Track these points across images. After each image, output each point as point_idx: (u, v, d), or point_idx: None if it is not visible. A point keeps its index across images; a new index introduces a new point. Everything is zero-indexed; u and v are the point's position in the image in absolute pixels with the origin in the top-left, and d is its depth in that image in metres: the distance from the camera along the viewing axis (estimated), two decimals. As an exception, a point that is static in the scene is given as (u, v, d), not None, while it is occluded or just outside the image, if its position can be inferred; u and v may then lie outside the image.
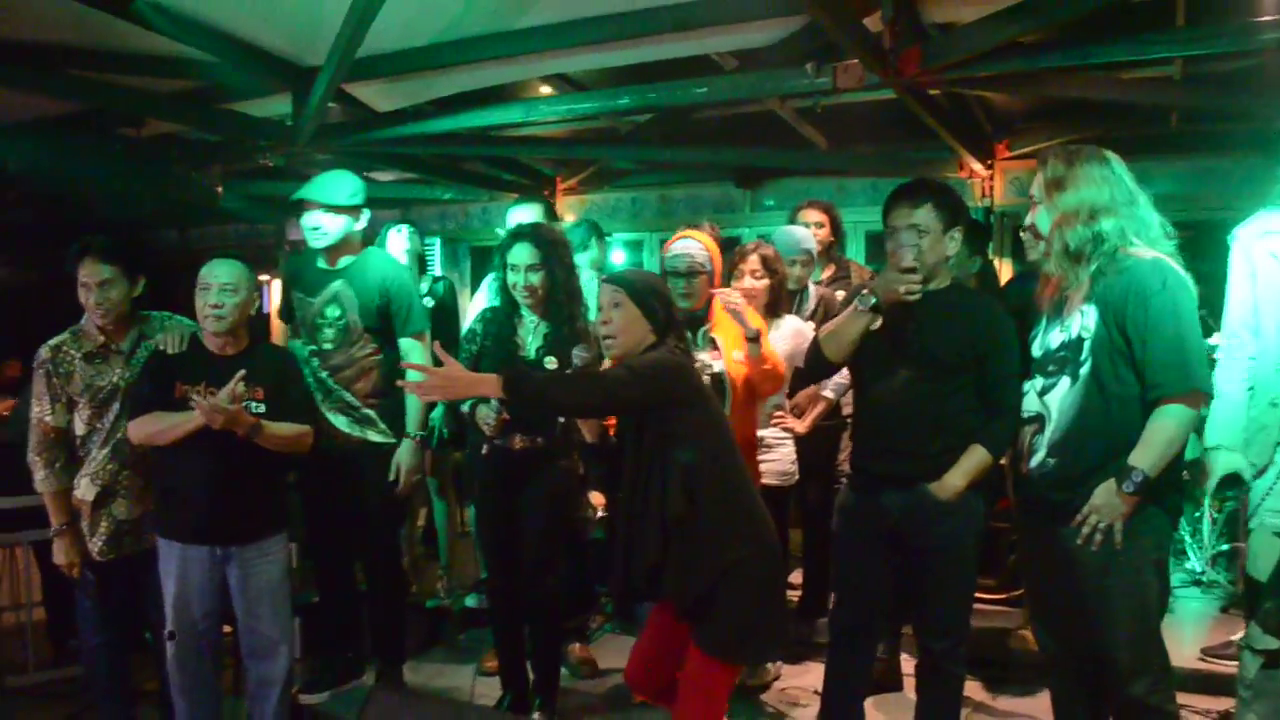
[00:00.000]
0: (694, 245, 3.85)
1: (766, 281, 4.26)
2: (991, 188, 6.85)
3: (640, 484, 2.94)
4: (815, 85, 4.74)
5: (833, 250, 5.16)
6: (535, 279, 3.85)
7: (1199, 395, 2.76)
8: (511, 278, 3.88)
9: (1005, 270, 6.92)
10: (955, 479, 3.09)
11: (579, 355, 3.25)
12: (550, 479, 3.88)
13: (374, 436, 4.14)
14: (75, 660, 4.29)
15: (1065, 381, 2.87)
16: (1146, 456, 2.71)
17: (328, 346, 4.12)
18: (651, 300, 3.06)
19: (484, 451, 3.89)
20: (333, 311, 4.10)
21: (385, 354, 4.12)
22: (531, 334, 3.92)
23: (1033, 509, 3.02)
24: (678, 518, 2.88)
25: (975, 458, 3.09)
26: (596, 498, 4.21)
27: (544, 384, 2.99)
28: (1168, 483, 2.78)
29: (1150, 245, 2.82)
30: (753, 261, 4.29)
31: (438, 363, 2.90)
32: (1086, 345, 2.82)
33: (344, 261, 4.20)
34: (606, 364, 3.20)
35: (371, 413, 4.14)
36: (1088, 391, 2.81)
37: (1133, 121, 6.33)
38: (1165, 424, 2.72)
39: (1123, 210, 2.84)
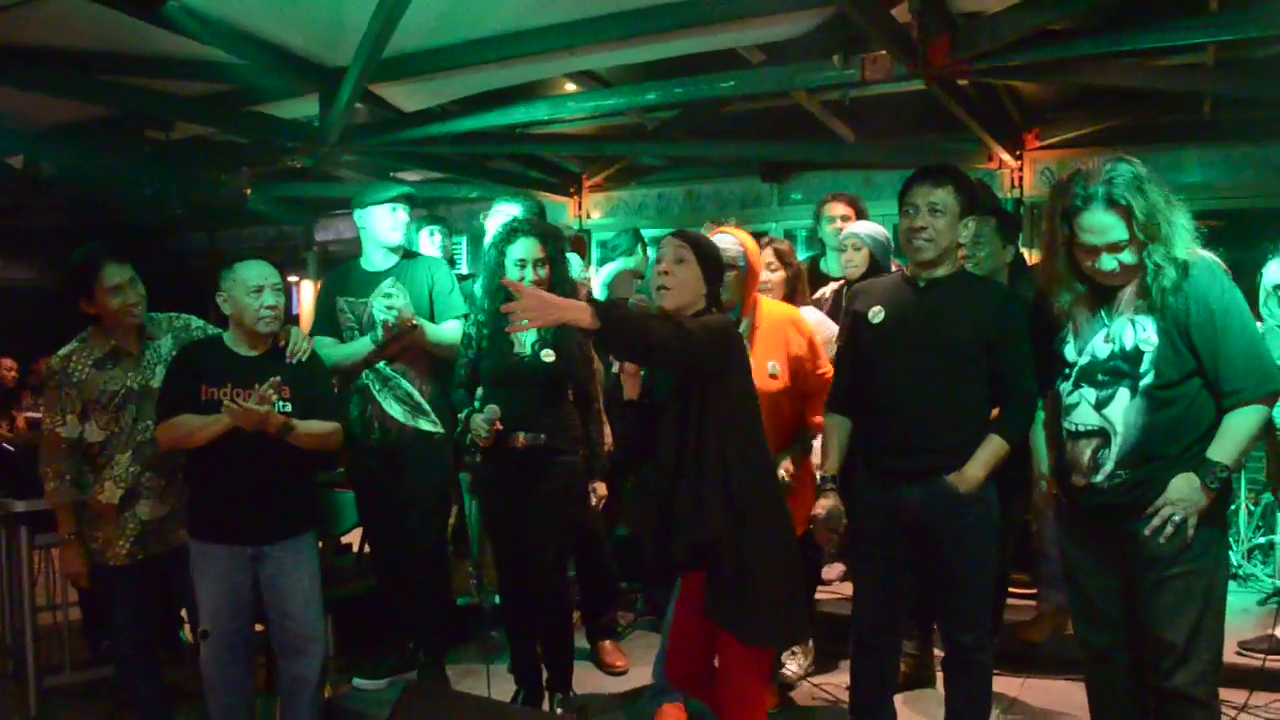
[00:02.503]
0: (729, 240, 3.78)
1: (782, 274, 4.23)
2: (1021, 178, 6.79)
3: (692, 456, 2.88)
4: (843, 77, 4.73)
5: None
6: (543, 273, 3.84)
7: (1276, 395, 2.75)
8: (515, 273, 3.82)
9: (1035, 260, 6.85)
10: (975, 470, 3.04)
11: (634, 302, 3.10)
12: (555, 476, 3.86)
13: (425, 425, 4.30)
14: (111, 660, 4.33)
15: (1124, 394, 2.77)
16: (1228, 451, 2.68)
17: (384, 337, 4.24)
18: (713, 265, 3.04)
19: (478, 459, 3.92)
20: (388, 303, 4.21)
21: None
22: (528, 330, 3.88)
23: (1094, 516, 2.91)
24: (743, 491, 2.86)
25: (993, 447, 3.05)
26: (600, 488, 4.12)
27: (632, 314, 2.82)
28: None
29: (1186, 245, 2.75)
30: (767, 254, 4.26)
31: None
32: (1148, 358, 2.73)
33: (391, 261, 4.37)
34: None
35: (425, 402, 4.30)
36: (1152, 403, 2.73)
37: (1165, 109, 6.25)
38: (1245, 421, 2.70)
39: (1179, 219, 2.76)
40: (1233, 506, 5.68)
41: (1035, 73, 5.09)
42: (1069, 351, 2.90)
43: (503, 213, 4.79)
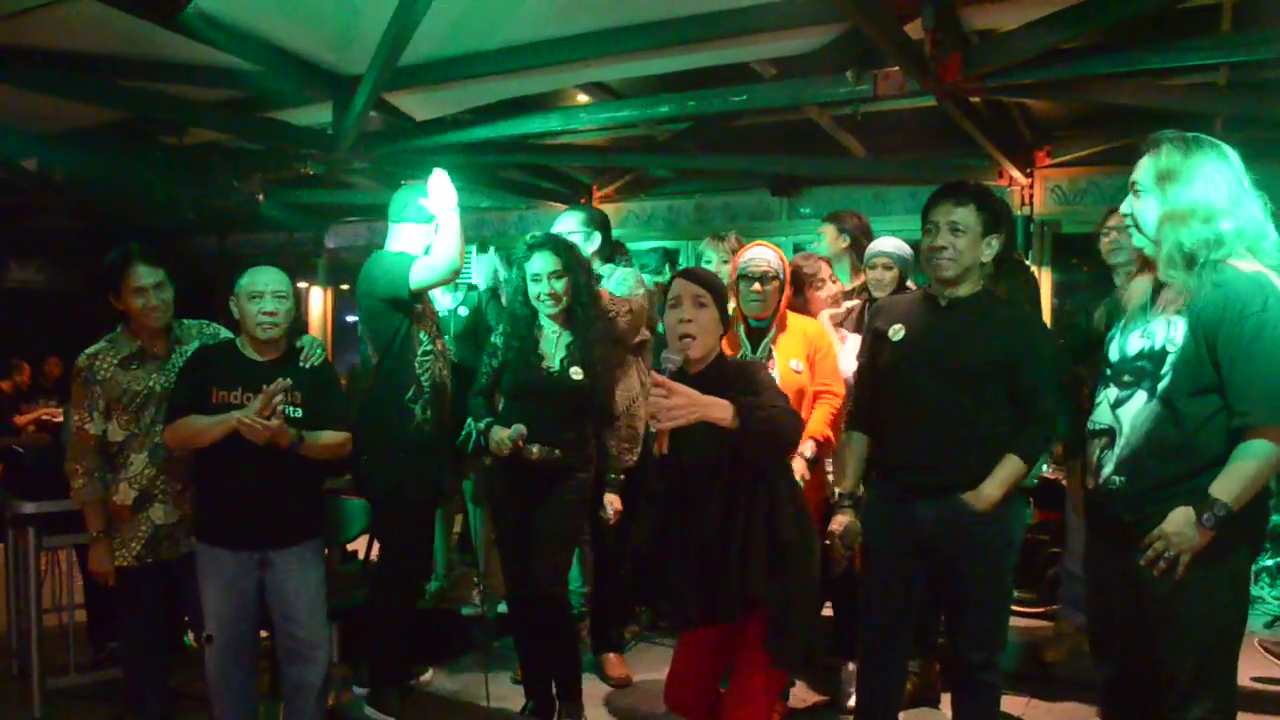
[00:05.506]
0: (770, 253, 3.88)
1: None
2: (1031, 195, 6.80)
3: (743, 517, 2.87)
4: (855, 93, 4.74)
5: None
6: (560, 286, 3.86)
7: None
8: (534, 288, 3.87)
9: (1045, 279, 6.85)
10: (991, 489, 3.04)
11: (668, 359, 2.94)
12: (566, 490, 3.86)
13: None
14: (115, 663, 4.34)
15: (1141, 395, 2.65)
16: (1230, 489, 2.48)
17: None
18: (724, 300, 3.04)
19: (488, 463, 3.94)
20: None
21: None
22: (555, 345, 3.91)
23: (1102, 528, 2.84)
24: (788, 542, 2.87)
25: (1010, 467, 3.05)
26: (615, 502, 4.14)
27: (767, 415, 2.73)
28: (1252, 510, 2.55)
29: (1259, 256, 2.58)
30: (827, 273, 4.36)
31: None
32: (1170, 359, 2.59)
33: None
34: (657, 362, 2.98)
35: None
36: (1163, 409, 2.59)
37: (1177, 128, 6.21)
38: (1252, 459, 2.48)
39: (1240, 214, 2.58)
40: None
41: (1047, 91, 5.10)
42: (1111, 352, 2.80)
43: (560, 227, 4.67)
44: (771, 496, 2.87)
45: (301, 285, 9.90)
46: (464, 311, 5.19)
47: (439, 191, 4.03)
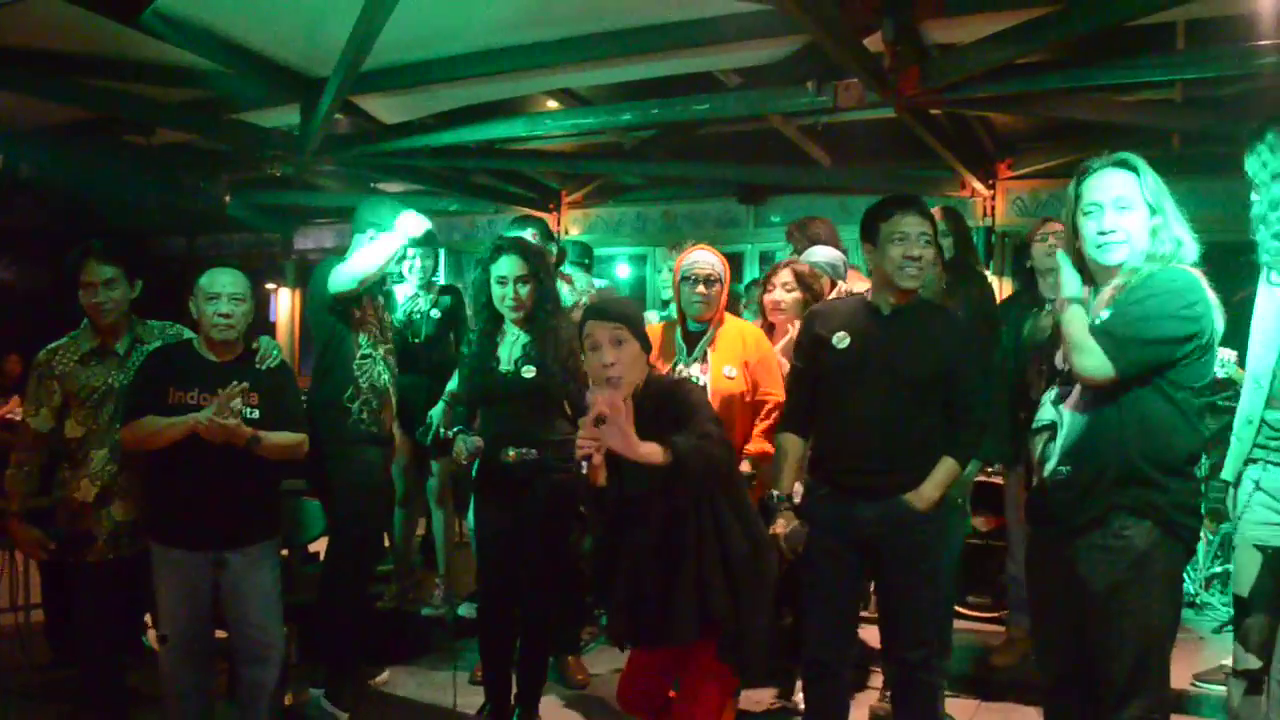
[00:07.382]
0: (713, 256, 3.91)
1: (798, 295, 4.22)
2: (993, 207, 6.88)
3: (693, 541, 2.90)
4: (816, 103, 4.80)
5: None
6: (524, 290, 3.85)
7: (1111, 376, 2.61)
8: (498, 291, 3.87)
9: (1006, 289, 6.94)
10: (930, 490, 3.15)
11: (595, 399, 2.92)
12: (546, 495, 3.84)
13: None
14: (72, 662, 4.32)
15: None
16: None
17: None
18: (642, 327, 3.04)
19: (466, 464, 3.97)
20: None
21: None
22: (510, 346, 3.91)
23: (1043, 523, 2.91)
24: (742, 558, 2.91)
25: (946, 468, 3.17)
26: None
27: (697, 448, 2.75)
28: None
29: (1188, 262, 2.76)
30: (784, 274, 4.30)
31: None
32: None
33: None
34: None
35: None
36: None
37: (1134, 143, 6.31)
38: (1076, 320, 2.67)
39: (1181, 226, 2.78)
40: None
41: (1004, 105, 5.18)
42: (1058, 359, 2.87)
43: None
44: (715, 515, 2.92)
45: (270, 287, 9.88)
46: (436, 314, 5.25)
47: (405, 224, 4.35)
